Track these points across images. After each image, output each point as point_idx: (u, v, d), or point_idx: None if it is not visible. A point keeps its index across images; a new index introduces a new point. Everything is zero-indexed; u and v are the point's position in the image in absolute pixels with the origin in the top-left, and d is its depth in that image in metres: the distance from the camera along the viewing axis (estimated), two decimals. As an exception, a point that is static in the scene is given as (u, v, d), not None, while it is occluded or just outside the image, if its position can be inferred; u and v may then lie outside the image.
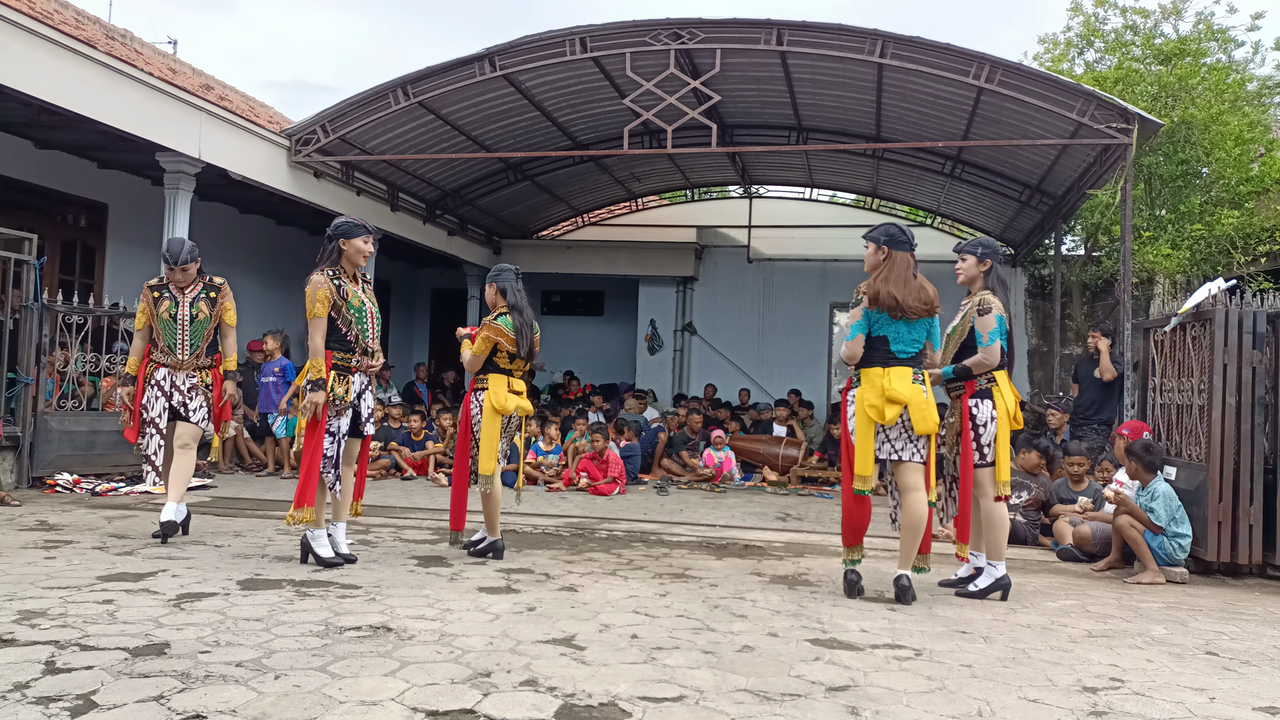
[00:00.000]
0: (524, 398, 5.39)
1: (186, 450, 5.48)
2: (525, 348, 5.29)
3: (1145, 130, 8.18)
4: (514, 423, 5.41)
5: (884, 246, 4.64)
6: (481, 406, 5.26)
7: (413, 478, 9.62)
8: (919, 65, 8.56)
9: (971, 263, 4.91)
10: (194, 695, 2.79)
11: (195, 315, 5.54)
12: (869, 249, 4.72)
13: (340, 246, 4.95)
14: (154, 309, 5.51)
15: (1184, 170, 9.95)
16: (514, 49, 9.33)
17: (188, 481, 5.52)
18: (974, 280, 4.92)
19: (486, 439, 5.23)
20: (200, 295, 5.58)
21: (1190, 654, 3.82)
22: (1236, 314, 5.80)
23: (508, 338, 5.22)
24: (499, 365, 5.28)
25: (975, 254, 4.91)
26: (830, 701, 2.98)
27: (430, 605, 4.06)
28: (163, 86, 8.24)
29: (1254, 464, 5.68)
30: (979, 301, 4.81)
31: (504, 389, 5.25)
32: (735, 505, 8.39)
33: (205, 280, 5.64)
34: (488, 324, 5.27)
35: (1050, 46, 12.35)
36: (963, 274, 4.94)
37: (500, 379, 5.27)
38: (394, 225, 12.06)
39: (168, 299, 5.53)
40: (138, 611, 3.74)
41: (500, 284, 5.36)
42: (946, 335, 4.92)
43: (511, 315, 5.26)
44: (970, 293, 4.94)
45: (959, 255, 4.98)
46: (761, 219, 15.62)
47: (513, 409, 5.28)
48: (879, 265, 4.64)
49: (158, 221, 9.00)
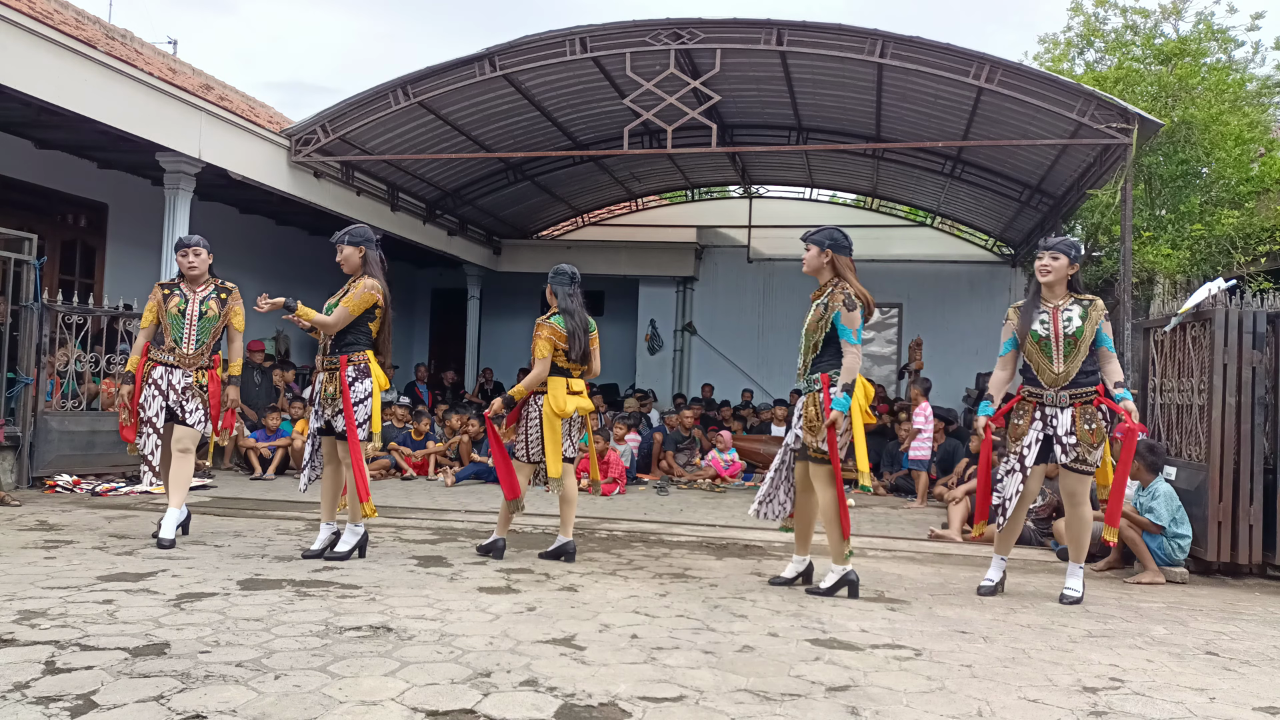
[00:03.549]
0: (584, 397, 5.38)
1: (185, 455, 5.44)
2: (579, 350, 5.27)
3: (1145, 130, 8.18)
4: (575, 422, 5.41)
5: (827, 250, 4.69)
6: (541, 411, 5.23)
7: (413, 478, 9.62)
8: (919, 65, 8.56)
9: (1064, 263, 4.77)
10: (194, 695, 2.79)
11: (204, 312, 5.51)
12: (811, 250, 4.74)
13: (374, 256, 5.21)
14: (163, 305, 5.48)
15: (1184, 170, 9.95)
16: (514, 49, 9.34)
17: (187, 486, 5.51)
18: (1062, 280, 4.78)
19: (550, 443, 5.19)
20: (211, 294, 5.57)
21: (1190, 654, 3.82)
22: (1236, 314, 5.80)
23: (560, 335, 5.22)
24: (556, 365, 5.26)
25: (1069, 255, 4.79)
26: (830, 701, 2.97)
27: (430, 605, 4.06)
28: (162, 86, 8.24)
29: (1254, 464, 5.68)
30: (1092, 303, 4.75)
31: (563, 391, 5.23)
32: (735, 505, 8.39)
33: (217, 282, 5.64)
34: (541, 323, 5.28)
35: (1050, 46, 12.35)
36: (1053, 274, 4.76)
37: (559, 381, 5.25)
38: (394, 225, 12.06)
39: (178, 295, 5.52)
40: (138, 611, 3.74)
41: (553, 286, 5.40)
42: (1071, 338, 4.68)
43: (564, 316, 5.28)
44: (1049, 293, 4.81)
45: (1050, 253, 4.77)
46: (761, 219, 15.63)
47: (572, 410, 5.27)
48: (823, 268, 4.72)
49: (158, 221, 9.00)
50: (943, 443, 9.63)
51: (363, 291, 5.05)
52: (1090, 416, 4.70)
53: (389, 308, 5.21)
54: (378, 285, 5.12)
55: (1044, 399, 4.77)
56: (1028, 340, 4.80)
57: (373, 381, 5.06)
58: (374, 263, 5.21)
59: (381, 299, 5.12)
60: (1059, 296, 4.81)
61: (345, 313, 5.00)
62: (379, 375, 5.12)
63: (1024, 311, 4.88)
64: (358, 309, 5.03)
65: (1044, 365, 4.75)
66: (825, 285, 4.73)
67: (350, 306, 5.02)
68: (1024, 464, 4.76)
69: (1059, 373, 4.71)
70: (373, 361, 5.11)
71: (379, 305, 5.12)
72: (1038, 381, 4.79)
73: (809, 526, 4.88)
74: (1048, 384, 4.74)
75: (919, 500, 9.00)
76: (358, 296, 5.03)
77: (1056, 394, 4.73)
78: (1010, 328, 4.92)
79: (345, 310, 5.00)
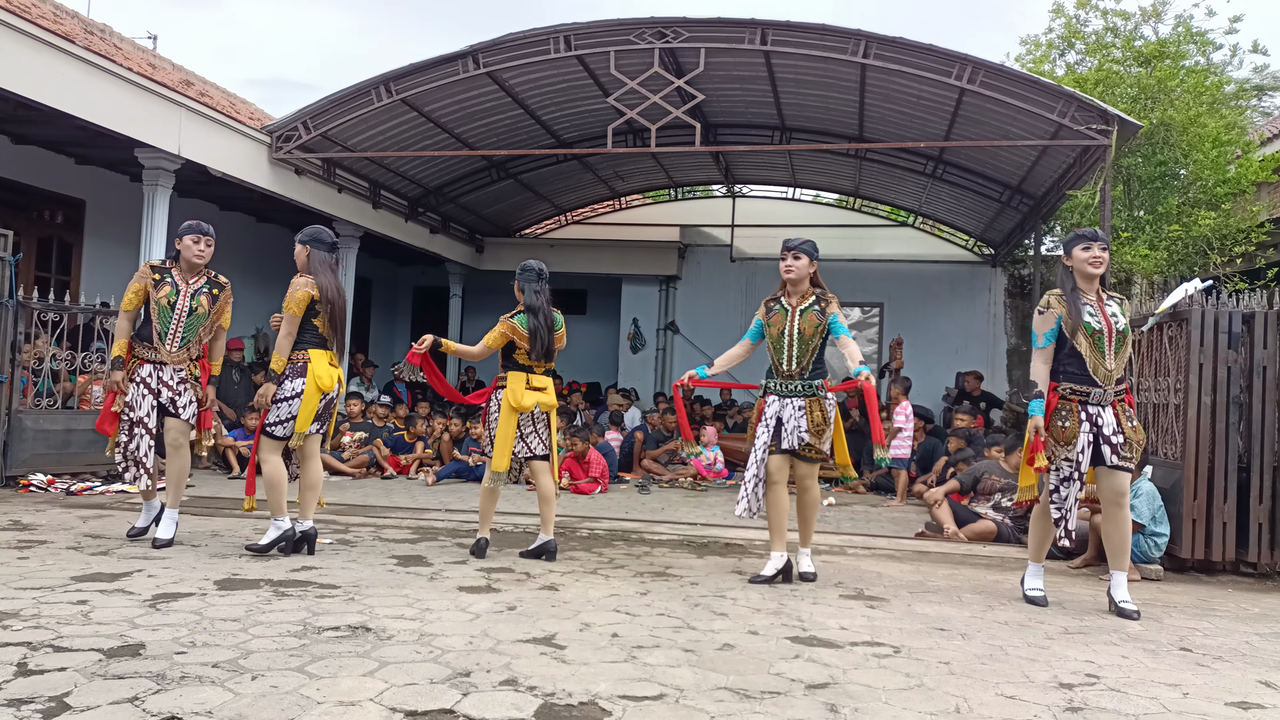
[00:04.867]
0: (547, 394, 5.39)
1: (180, 450, 5.33)
2: (540, 348, 5.30)
3: (1125, 132, 8.25)
4: (538, 419, 5.41)
5: (815, 260, 5.02)
6: (499, 404, 5.29)
7: (393, 476, 9.58)
8: (901, 66, 8.60)
9: (1108, 257, 4.57)
10: (169, 696, 2.77)
11: (195, 308, 5.31)
12: (802, 260, 4.96)
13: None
14: (153, 291, 5.24)
15: (1162, 171, 10.05)
16: (498, 46, 9.31)
17: (184, 483, 5.45)
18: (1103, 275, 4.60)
19: (501, 436, 5.24)
20: (203, 289, 5.36)
21: (1164, 650, 3.85)
22: (1213, 314, 5.86)
23: (521, 335, 5.25)
24: (518, 362, 5.30)
25: (1109, 249, 4.62)
26: (810, 699, 2.99)
27: (410, 605, 4.04)
28: (142, 82, 8.16)
29: (1228, 462, 5.74)
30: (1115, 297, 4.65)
31: (522, 386, 5.27)
32: (716, 504, 8.41)
33: (210, 275, 5.44)
34: (504, 320, 5.31)
35: (1032, 48, 12.43)
36: (1105, 266, 4.56)
37: (519, 376, 5.29)
38: (376, 223, 12.00)
39: (169, 284, 5.27)
40: (112, 612, 3.70)
41: (520, 283, 5.42)
42: (1120, 334, 4.50)
43: (528, 315, 5.29)
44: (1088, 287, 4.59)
45: (1099, 244, 4.52)
46: (745, 218, 15.66)
47: (531, 405, 5.28)
48: (807, 276, 4.99)
49: (136, 218, 8.91)
50: (922, 441, 9.70)
51: (294, 292, 5.04)
52: (1129, 414, 4.53)
53: (333, 301, 5.13)
54: (311, 281, 5.08)
55: (1089, 398, 4.49)
56: (1080, 333, 4.47)
57: (305, 381, 5.01)
58: (318, 262, 5.17)
59: (318, 293, 5.08)
60: (1094, 290, 4.57)
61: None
62: (320, 374, 5.05)
63: (1071, 303, 4.52)
64: (298, 309, 5.03)
65: (1098, 361, 4.46)
66: (809, 293, 4.99)
67: (291, 310, 5.03)
68: (1080, 470, 4.50)
69: (1110, 370, 4.47)
70: (314, 360, 5.05)
71: (317, 300, 5.08)
72: (1086, 379, 4.48)
73: (783, 522, 4.93)
74: (1101, 381, 4.47)
75: (899, 498, 9.05)
76: (293, 298, 5.03)
77: (1104, 392, 4.48)
78: (1050, 319, 4.55)
79: (297, 323, 5.07)
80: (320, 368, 5.07)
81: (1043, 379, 4.55)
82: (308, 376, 5.03)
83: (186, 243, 5.35)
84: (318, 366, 5.07)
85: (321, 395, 5.10)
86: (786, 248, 5.03)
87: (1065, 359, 4.55)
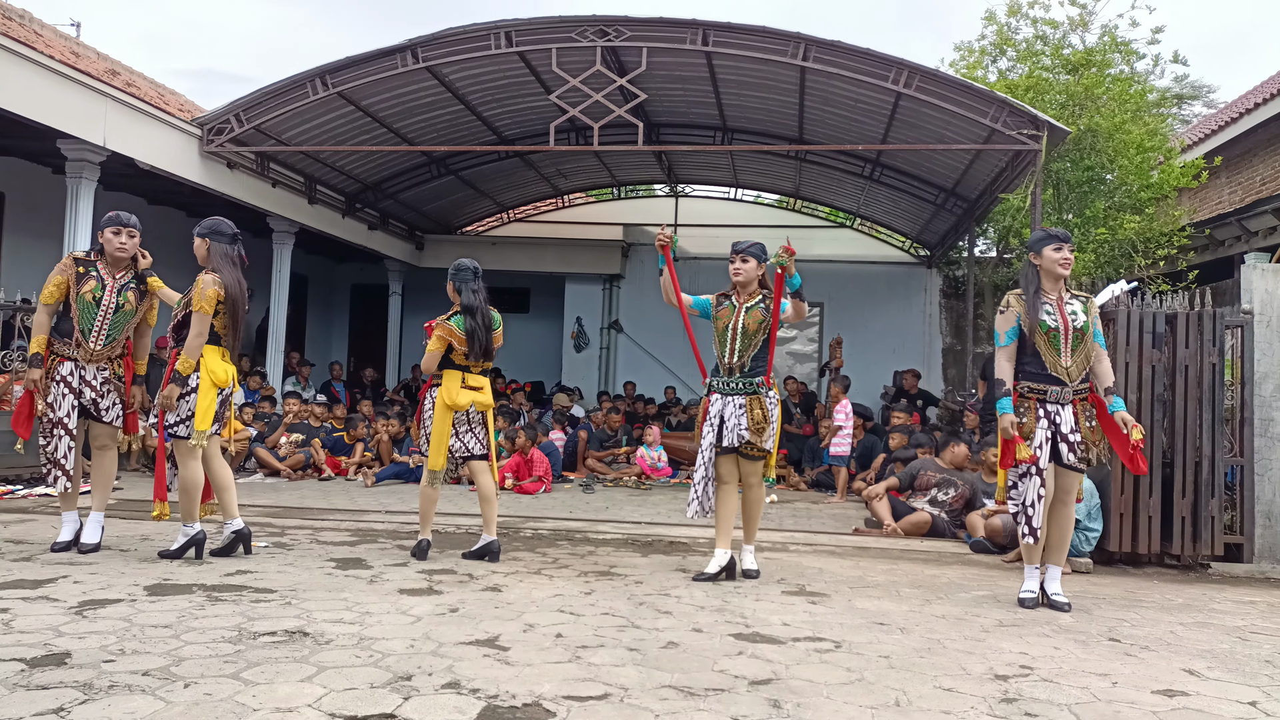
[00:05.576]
0: (484, 393, 5.35)
1: (106, 451, 5.17)
2: (479, 348, 5.27)
3: (1054, 137, 8.50)
4: (474, 418, 5.36)
5: (763, 263, 5.09)
6: (434, 402, 5.24)
7: (331, 477, 9.40)
8: (840, 69, 8.72)
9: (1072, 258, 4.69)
10: (97, 706, 2.67)
11: (121, 305, 5.10)
12: (750, 263, 5.07)
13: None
14: (75, 286, 5.01)
15: (1089, 176, 10.35)
16: (437, 41, 9.18)
17: (111, 485, 5.26)
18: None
19: (436, 434, 5.21)
20: (129, 284, 5.15)
21: (1094, 641, 3.98)
22: (1138, 315, 6.08)
23: (458, 338, 5.21)
24: (454, 362, 5.26)
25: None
26: (753, 695, 3.01)
27: (349, 608, 3.96)
28: (65, 70, 7.86)
29: (1152, 458, 5.95)
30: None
31: (457, 384, 5.24)
32: (660, 502, 8.43)
33: (137, 269, 5.22)
34: (439, 323, 5.25)
35: (966, 54, 12.69)
36: (1070, 266, 4.64)
37: (454, 375, 5.25)
38: (312, 218, 11.75)
39: (94, 279, 5.04)
40: (36, 620, 3.56)
41: (455, 283, 5.35)
42: (1079, 332, 4.59)
43: (464, 316, 5.23)
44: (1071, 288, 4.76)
45: (1068, 245, 4.64)
46: (687, 218, 15.71)
47: (466, 404, 5.24)
48: (757, 277, 5.08)
49: (59, 212, 8.58)
50: (862, 439, 9.86)
51: (204, 290, 4.87)
52: (1089, 414, 4.63)
53: (235, 299, 5.00)
54: (218, 279, 4.94)
55: (1048, 396, 4.58)
56: (1037, 332, 4.58)
57: (199, 375, 4.87)
58: (219, 255, 5.04)
59: (223, 292, 4.95)
60: (1058, 290, 4.67)
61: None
62: (214, 369, 4.91)
63: (1030, 302, 4.63)
64: (209, 308, 4.88)
65: (1054, 359, 4.56)
66: (756, 293, 5.07)
67: (203, 309, 4.86)
68: (1038, 465, 4.55)
69: (1067, 367, 4.56)
70: (207, 356, 4.90)
71: (222, 300, 4.95)
72: (1045, 377, 4.58)
73: (730, 520, 4.97)
74: (1061, 378, 4.56)
75: (839, 495, 9.18)
76: (203, 296, 4.87)
77: (1063, 390, 4.56)
78: (1010, 317, 4.66)
79: (209, 323, 4.93)
80: (214, 363, 4.93)
81: (1008, 376, 4.64)
82: (201, 371, 4.88)
83: (107, 235, 5.14)
84: (211, 362, 4.92)
85: (218, 391, 4.96)
86: (735, 251, 5.09)
87: (1026, 358, 4.66)
